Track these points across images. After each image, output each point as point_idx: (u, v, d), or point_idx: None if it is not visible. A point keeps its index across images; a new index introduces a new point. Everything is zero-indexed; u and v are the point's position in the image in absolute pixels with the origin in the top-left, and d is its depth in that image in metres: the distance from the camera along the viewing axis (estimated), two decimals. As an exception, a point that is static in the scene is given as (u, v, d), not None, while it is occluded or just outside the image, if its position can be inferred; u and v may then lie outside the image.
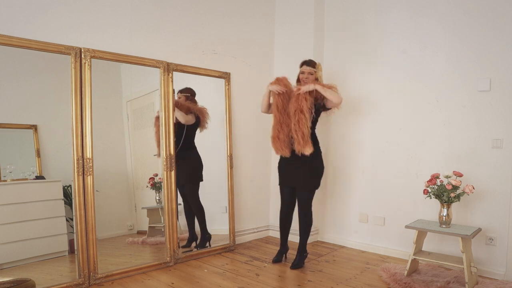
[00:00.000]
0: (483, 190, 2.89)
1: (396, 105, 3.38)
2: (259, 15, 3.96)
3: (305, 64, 3.06)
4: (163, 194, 3.05)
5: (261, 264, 3.15)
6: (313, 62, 3.06)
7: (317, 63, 3.07)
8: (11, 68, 2.51)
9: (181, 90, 3.29)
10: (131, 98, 3.15)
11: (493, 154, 2.86)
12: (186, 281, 2.75)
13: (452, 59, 3.06)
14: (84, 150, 2.61)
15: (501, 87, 2.83)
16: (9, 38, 2.35)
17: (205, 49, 3.49)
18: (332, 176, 3.85)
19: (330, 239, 3.86)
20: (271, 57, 4.11)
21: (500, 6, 2.83)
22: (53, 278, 2.51)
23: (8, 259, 2.46)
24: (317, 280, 2.78)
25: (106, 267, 2.74)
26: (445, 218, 2.73)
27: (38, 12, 2.53)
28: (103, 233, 2.81)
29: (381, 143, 3.47)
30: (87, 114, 2.62)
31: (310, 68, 3.03)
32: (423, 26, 3.20)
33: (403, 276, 2.74)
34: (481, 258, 2.90)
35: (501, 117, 2.83)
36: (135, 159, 3.14)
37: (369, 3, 3.55)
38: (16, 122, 2.58)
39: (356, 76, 3.64)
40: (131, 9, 2.99)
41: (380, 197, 3.49)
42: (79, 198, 2.59)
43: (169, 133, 3.07)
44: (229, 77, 3.62)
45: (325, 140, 3.88)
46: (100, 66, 2.72)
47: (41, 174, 2.64)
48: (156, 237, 3.17)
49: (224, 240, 3.53)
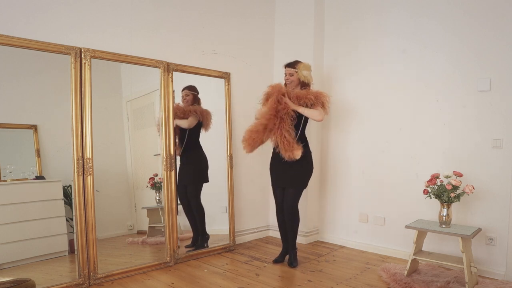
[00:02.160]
0: (483, 190, 2.89)
1: (396, 105, 3.38)
2: (259, 15, 3.96)
3: (286, 66, 3.08)
4: (163, 194, 3.05)
5: (261, 264, 3.15)
6: (294, 62, 3.07)
7: (299, 64, 3.05)
8: (11, 68, 2.51)
9: (187, 87, 3.29)
10: (131, 98, 3.15)
11: (493, 154, 2.86)
12: (186, 281, 2.75)
13: (452, 59, 3.06)
14: (84, 150, 2.61)
15: (501, 87, 2.83)
16: (9, 38, 2.35)
17: (205, 49, 3.49)
18: (332, 176, 3.85)
19: (330, 239, 3.86)
20: (271, 57, 4.11)
21: (500, 6, 2.83)
22: (53, 278, 2.51)
23: (8, 259, 2.46)
24: (317, 280, 2.78)
25: (106, 267, 2.74)
26: (445, 218, 2.73)
27: (38, 12, 2.53)
28: (103, 233, 2.81)
29: (381, 143, 3.47)
30: (87, 114, 2.62)
31: (290, 69, 3.05)
32: (423, 26, 3.20)
33: (403, 276, 2.74)
34: (481, 258, 2.90)
35: (501, 117, 2.83)
36: (135, 159, 3.14)
37: (369, 3, 3.55)
38: (16, 122, 2.58)
39: (356, 76, 3.64)
40: (131, 9, 2.99)
41: (380, 197, 3.49)
42: (79, 198, 2.59)
43: (169, 133, 3.07)
44: (229, 77, 3.62)
45: (325, 140, 3.88)
46: (100, 66, 2.72)
47: (41, 174, 2.64)
48: (156, 237, 3.17)
49: (224, 240, 3.53)
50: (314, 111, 2.94)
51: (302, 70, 3.02)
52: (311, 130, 3.13)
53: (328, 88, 3.83)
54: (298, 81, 3.05)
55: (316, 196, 3.90)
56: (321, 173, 3.92)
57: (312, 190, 3.82)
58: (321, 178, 3.92)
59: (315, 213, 3.91)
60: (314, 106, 2.96)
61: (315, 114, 2.94)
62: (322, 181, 3.93)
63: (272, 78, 4.08)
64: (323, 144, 3.91)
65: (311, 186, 3.71)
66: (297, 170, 3.01)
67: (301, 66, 3.04)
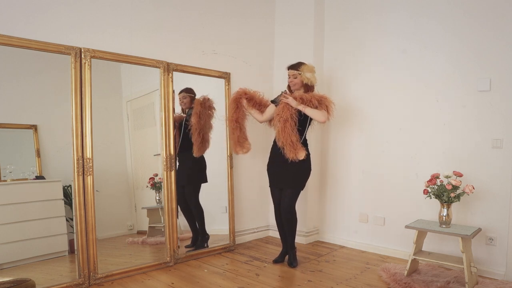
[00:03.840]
0: (483, 190, 2.89)
1: (396, 105, 3.38)
2: (259, 15, 3.96)
3: (289, 68, 3.07)
4: (163, 194, 3.06)
5: (261, 264, 3.15)
6: (297, 64, 3.05)
7: (303, 65, 3.03)
8: (11, 68, 2.51)
9: (184, 90, 3.29)
10: (131, 98, 3.15)
11: (493, 154, 2.86)
12: (186, 281, 2.75)
13: (452, 59, 3.06)
14: (84, 150, 2.61)
15: (501, 87, 2.83)
16: (9, 38, 2.35)
17: (205, 49, 3.49)
18: (332, 176, 3.85)
19: (330, 239, 3.86)
20: (271, 57, 4.11)
21: (500, 6, 2.83)
22: (53, 278, 2.51)
23: (8, 259, 2.46)
24: (317, 280, 2.78)
25: (106, 267, 2.74)
26: (445, 218, 2.73)
27: (38, 12, 2.53)
28: (103, 233, 2.81)
29: (381, 143, 3.47)
30: (87, 114, 2.62)
31: (294, 71, 3.04)
32: (423, 26, 3.20)
33: (403, 276, 2.74)
34: (481, 258, 2.90)
35: (501, 117, 2.83)
36: (135, 159, 3.14)
37: (369, 3, 3.55)
38: (16, 122, 2.58)
39: (356, 76, 3.64)
40: (131, 9, 2.99)
41: (380, 197, 3.49)
42: (79, 198, 2.59)
43: (169, 133, 3.07)
44: (229, 77, 3.62)
45: (325, 140, 3.88)
46: (100, 66, 2.72)
47: (41, 174, 2.64)
48: (156, 237, 3.17)
49: (224, 240, 3.53)
50: (318, 112, 2.94)
51: (305, 72, 3.01)
52: (311, 129, 3.13)
53: (328, 88, 3.84)
54: (302, 83, 3.04)
55: (316, 196, 3.90)
56: (321, 173, 3.92)
57: (312, 190, 3.82)
58: (321, 178, 3.93)
59: (315, 213, 3.91)
60: (318, 109, 2.97)
61: (319, 115, 2.93)
62: (322, 181, 3.93)
63: (272, 78, 4.08)
64: (323, 143, 3.91)
65: (311, 186, 3.72)
66: (295, 171, 3.01)
67: (304, 68, 3.02)
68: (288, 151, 2.90)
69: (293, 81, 3.05)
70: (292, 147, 2.89)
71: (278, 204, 3.13)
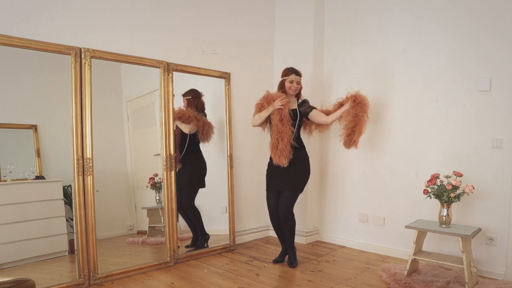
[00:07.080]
0: (483, 190, 2.89)
1: (396, 105, 3.37)
2: (259, 15, 3.96)
3: (294, 73, 3.06)
4: (163, 194, 3.06)
5: (261, 264, 3.15)
6: (299, 71, 3.10)
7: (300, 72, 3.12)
8: (11, 68, 2.51)
9: (184, 94, 3.29)
10: (131, 98, 3.16)
11: (493, 154, 2.86)
12: (186, 281, 2.75)
13: (452, 59, 3.06)
14: (84, 150, 2.61)
15: (501, 87, 2.83)
16: (9, 38, 2.35)
17: (205, 49, 3.49)
18: (332, 177, 3.85)
19: (330, 239, 3.86)
20: (271, 57, 4.11)
21: (500, 6, 2.83)
22: (53, 278, 2.51)
23: (8, 259, 2.47)
24: (317, 280, 2.78)
25: (106, 267, 2.74)
26: (445, 218, 2.73)
27: (38, 12, 2.53)
28: (103, 233, 2.81)
29: (381, 143, 3.47)
30: (87, 114, 2.62)
31: (298, 78, 3.07)
32: (423, 26, 3.20)
33: (403, 276, 2.74)
34: (481, 258, 2.90)
35: (501, 117, 2.83)
36: (135, 159, 3.15)
37: (369, 3, 3.55)
38: (16, 122, 2.58)
39: (356, 76, 3.64)
40: (131, 9, 2.99)
41: (380, 197, 3.49)
42: (79, 198, 2.59)
43: (169, 133, 3.07)
44: (229, 77, 3.62)
45: (325, 140, 3.88)
46: (100, 66, 2.72)
47: (41, 174, 2.64)
48: (156, 237, 3.17)
49: (224, 240, 3.53)
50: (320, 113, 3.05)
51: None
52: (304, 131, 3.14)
53: (328, 88, 3.84)
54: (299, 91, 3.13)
55: (316, 196, 3.90)
56: (321, 173, 3.92)
57: (312, 190, 3.82)
58: (321, 178, 3.93)
59: (315, 213, 3.91)
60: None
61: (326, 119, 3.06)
62: (322, 181, 3.93)
63: (272, 78, 4.08)
64: (323, 144, 3.91)
65: (311, 186, 3.72)
66: (295, 174, 3.02)
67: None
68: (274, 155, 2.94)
69: (296, 87, 3.06)
70: (277, 151, 2.92)
71: (274, 210, 3.10)
